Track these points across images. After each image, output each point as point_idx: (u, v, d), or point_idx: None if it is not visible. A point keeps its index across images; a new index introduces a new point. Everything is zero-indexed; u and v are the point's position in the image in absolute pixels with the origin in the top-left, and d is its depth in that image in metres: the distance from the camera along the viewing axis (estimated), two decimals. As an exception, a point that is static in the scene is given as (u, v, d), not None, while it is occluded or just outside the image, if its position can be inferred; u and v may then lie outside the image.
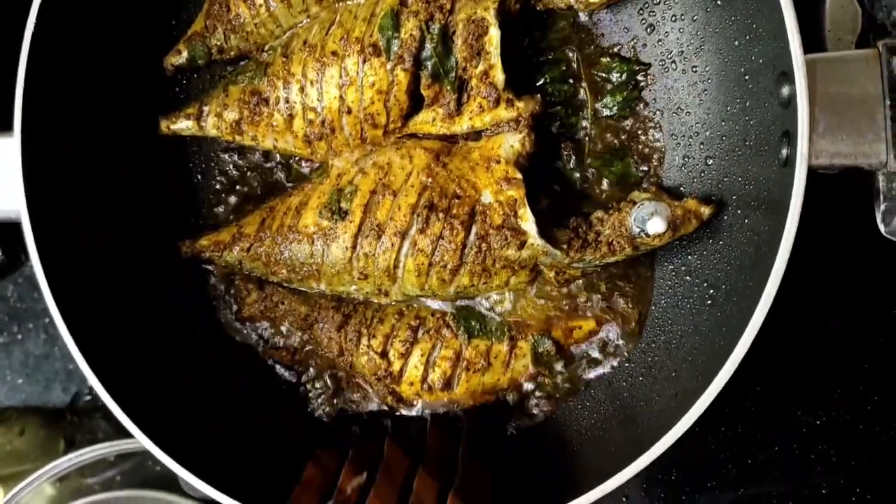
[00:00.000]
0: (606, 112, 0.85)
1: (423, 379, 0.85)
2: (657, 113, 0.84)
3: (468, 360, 0.85)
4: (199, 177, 0.95)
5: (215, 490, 0.76)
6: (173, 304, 0.91)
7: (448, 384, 0.85)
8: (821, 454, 0.93)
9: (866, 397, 0.92)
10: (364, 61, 0.79)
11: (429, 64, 0.79)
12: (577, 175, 0.86)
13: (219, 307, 0.93)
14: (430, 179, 0.80)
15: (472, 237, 0.79)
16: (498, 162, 0.80)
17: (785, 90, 0.65)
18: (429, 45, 0.78)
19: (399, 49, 0.79)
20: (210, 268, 0.93)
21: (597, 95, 0.85)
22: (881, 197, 0.66)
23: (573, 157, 0.86)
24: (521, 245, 0.78)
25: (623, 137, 0.85)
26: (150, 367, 0.85)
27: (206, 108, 0.90)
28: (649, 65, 0.84)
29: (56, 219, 0.82)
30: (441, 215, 0.78)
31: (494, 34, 0.77)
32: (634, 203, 0.78)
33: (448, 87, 0.80)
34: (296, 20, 0.87)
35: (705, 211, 0.76)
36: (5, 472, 1.09)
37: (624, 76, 0.84)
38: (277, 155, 0.92)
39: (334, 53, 0.81)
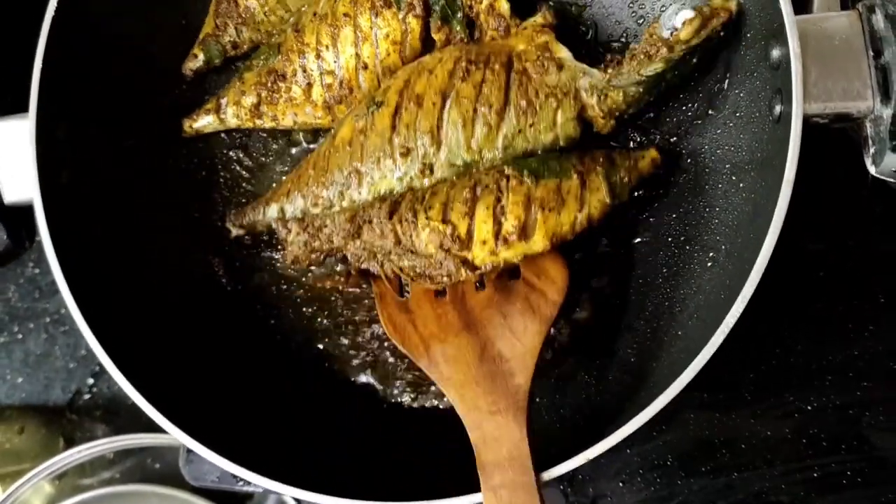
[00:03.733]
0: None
1: (497, 233, 0.77)
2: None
3: (541, 199, 0.78)
4: (204, 172, 0.98)
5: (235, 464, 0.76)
6: (183, 286, 0.93)
7: (524, 231, 0.77)
8: (812, 438, 0.95)
9: (856, 383, 0.95)
10: (376, 15, 0.83)
11: (437, 7, 0.84)
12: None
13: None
14: (463, 53, 0.82)
15: (512, 74, 0.80)
16: (525, 29, 0.83)
17: (775, 53, 0.70)
18: None
19: None
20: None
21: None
22: (870, 141, 0.71)
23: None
24: (560, 68, 0.80)
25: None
26: (164, 349, 0.86)
27: (223, 100, 0.92)
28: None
29: (67, 204, 0.84)
30: (480, 66, 0.80)
31: None
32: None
33: (458, 27, 0.84)
34: (302, 1, 0.90)
35: (732, 4, 0.76)
36: (4, 470, 1.09)
37: None
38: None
39: (346, 15, 0.84)
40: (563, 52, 0.81)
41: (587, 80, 0.80)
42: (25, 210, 0.84)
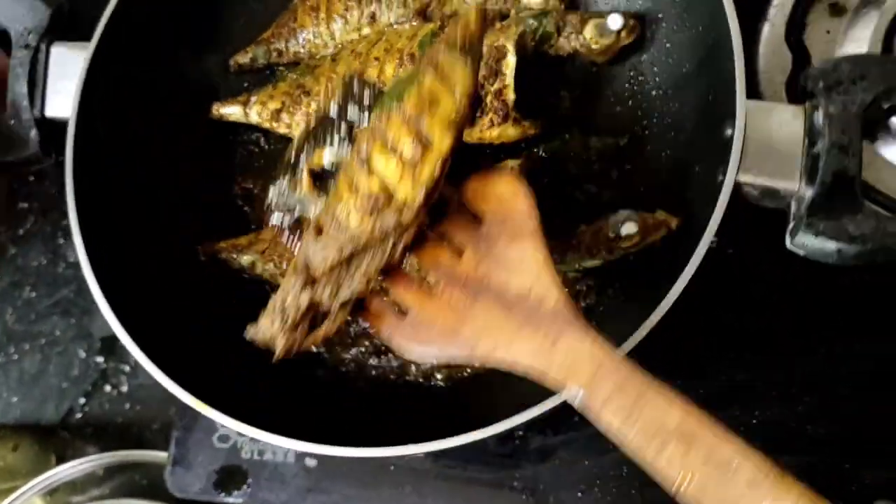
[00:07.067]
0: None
1: (402, 167, 0.71)
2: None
3: (416, 108, 0.71)
4: (225, 145, 1.07)
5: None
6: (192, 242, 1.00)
7: (424, 141, 0.71)
8: (758, 448, 1.00)
9: (798, 398, 1.00)
10: (400, 66, 0.92)
11: None
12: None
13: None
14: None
15: None
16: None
17: (728, 132, 0.79)
18: None
19: None
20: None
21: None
22: (791, 217, 0.79)
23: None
24: None
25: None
26: (169, 312, 0.92)
27: (253, 98, 1.02)
28: (627, 136, 0.96)
29: (95, 129, 0.93)
30: None
31: (511, 60, 0.89)
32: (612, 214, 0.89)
33: None
34: (348, 37, 1.01)
35: (673, 222, 0.86)
36: (-2, 487, 1.10)
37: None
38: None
39: (377, 59, 0.94)
40: None
41: None
42: (60, 127, 0.92)
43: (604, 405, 0.62)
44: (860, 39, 0.97)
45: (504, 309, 0.69)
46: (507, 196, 0.75)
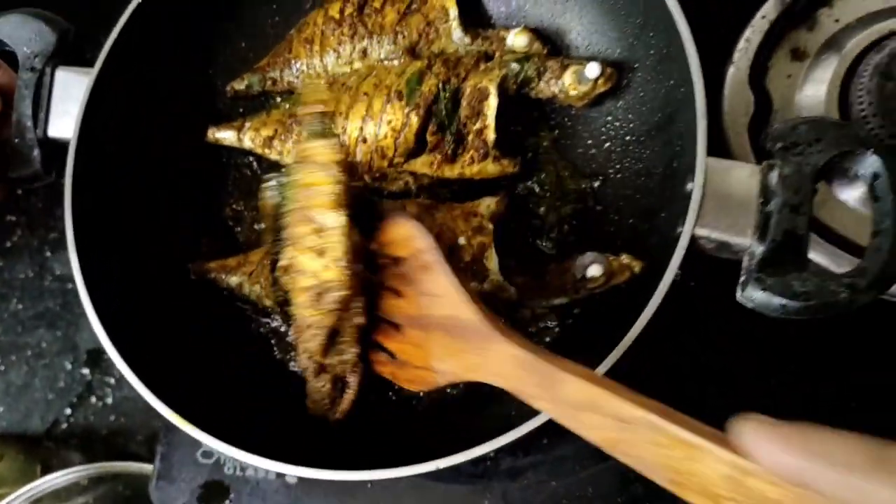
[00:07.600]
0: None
1: (317, 256, 0.80)
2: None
3: (305, 202, 0.81)
4: (219, 168, 1.11)
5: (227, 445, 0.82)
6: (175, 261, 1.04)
7: (322, 230, 0.81)
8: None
9: None
10: (388, 102, 0.95)
11: (437, 115, 0.95)
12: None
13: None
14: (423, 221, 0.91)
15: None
16: (475, 215, 0.94)
17: (689, 186, 0.82)
18: (441, 101, 0.95)
19: (418, 98, 0.95)
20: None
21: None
22: (742, 271, 0.80)
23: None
24: (483, 279, 0.90)
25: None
26: (155, 324, 0.95)
27: (247, 124, 1.06)
28: (600, 178, 1.00)
29: (97, 153, 0.97)
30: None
31: (493, 101, 0.94)
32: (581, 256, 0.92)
33: (449, 138, 0.95)
34: (340, 70, 1.05)
35: (637, 266, 0.90)
36: (-17, 496, 1.12)
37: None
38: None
39: (365, 94, 0.97)
40: (493, 264, 0.90)
41: (504, 293, 0.91)
42: (61, 147, 0.96)
43: (533, 397, 0.69)
44: (819, 82, 1.02)
45: (448, 336, 0.78)
46: (406, 238, 0.82)
